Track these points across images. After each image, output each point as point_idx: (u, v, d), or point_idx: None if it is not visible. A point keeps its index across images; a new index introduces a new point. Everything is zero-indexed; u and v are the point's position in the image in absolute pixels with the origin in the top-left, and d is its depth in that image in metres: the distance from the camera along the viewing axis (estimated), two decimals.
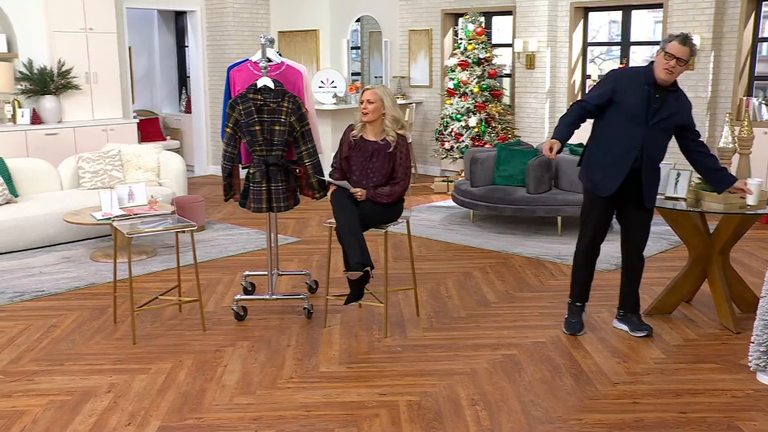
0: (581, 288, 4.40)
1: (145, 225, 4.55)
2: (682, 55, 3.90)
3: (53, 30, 8.25)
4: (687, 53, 3.92)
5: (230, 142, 4.53)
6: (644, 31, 9.28)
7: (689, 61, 3.95)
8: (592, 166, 4.19)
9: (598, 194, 4.17)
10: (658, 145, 4.08)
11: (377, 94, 4.34)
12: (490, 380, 3.72)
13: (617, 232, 4.55)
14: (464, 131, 8.81)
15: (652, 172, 4.11)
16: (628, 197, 4.16)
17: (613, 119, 4.09)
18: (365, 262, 4.15)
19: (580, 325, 4.37)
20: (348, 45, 10.03)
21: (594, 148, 4.20)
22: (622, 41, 8.93)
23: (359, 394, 3.57)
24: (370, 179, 4.38)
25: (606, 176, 4.11)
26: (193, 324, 4.51)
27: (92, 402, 3.48)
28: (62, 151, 7.96)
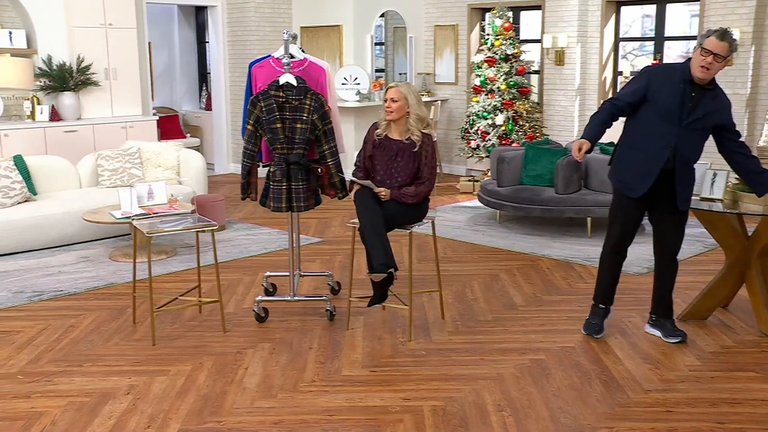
0: (606, 290, 4.38)
1: (164, 224, 4.60)
2: (720, 51, 3.81)
3: (73, 25, 8.36)
4: (726, 49, 3.82)
5: (250, 140, 4.56)
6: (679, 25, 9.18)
7: (728, 57, 3.86)
8: (623, 165, 4.16)
9: (628, 195, 4.13)
10: (693, 146, 4.02)
11: (401, 92, 4.35)
12: (517, 386, 3.71)
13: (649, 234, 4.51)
14: (491, 129, 8.78)
15: (685, 173, 4.05)
16: (660, 199, 4.11)
17: (645, 117, 4.04)
18: (389, 263, 4.16)
19: (599, 327, 4.34)
20: (372, 41, 10.04)
21: (625, 147, 4.17)
22: (655, 36, 8.84)
23: (382, 398, 3.58)
24: (395, 179, 4.39)
25: (636, 177, 4.08)
26: (214, 325, 4.55)
27: (111, 404, 3.52)
28: (81, 149, 8.06)
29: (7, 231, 6.11)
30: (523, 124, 8.79)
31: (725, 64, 3.90)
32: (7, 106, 8.08)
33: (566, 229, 6.98)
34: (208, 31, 10.72)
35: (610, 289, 4.39)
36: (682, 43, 9.16)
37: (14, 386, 3.71)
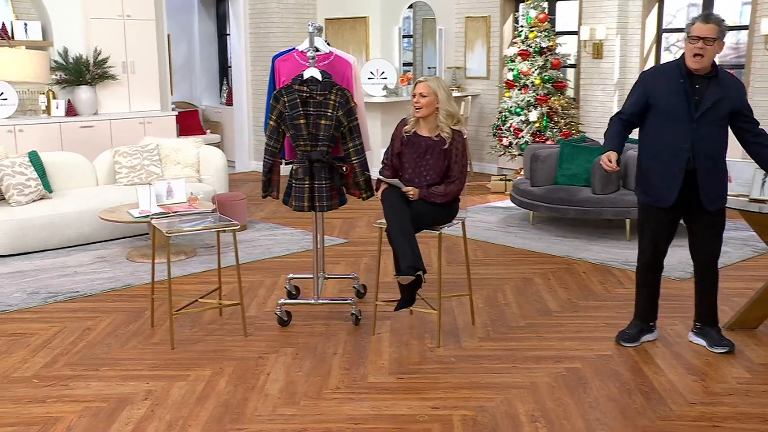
0: (646, 306, 4.34)
1: (184, 224, 4.64)
2: (708, 34, 3.80)
3: (90, 17, 8.47)
4: (714, 30, 3.81)
5: (273, 136, 4.58)
6: (729, 14, 9.04)
7: (719, 38, 3.83)
8: (646, 178, 4.15)
9: (659, 206, 4.09)
10: (712, 140, 3.96)
11: (431, 87, 4.34)
12: (552, 395, 3.69)
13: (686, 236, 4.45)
14: (524, 126, 8.75)
15: (710, 170, 3.98)
16: (692, 202, 4.05)
17: (654, 124, 4.04)
18: (417, 266, 4.16)
19: (631, 336, 4.31)
20: (399, 33, 10.05)
21: (644, 159, 4.16)
22: None
23: (410, 406, 3.58)
24: (424, 177, 4.38)
25: (662, 186, 4.05)
26: (234, 329, 4.58)
27: (128, 409, 3.56)
28: (98, 145, 8.17)
29: (22, 230, 6.20)
30: (558, 121, 8.74)
31: (719, 47, 3.87)
32: (22, 101, 8.20)
33: (603, 232, 6.93)
34: (230, 23, 10.81)
35: (651, 305, 4.35)
36: (731, 34, 9.04)
37: (29, 390, 3.76)
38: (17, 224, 6.19)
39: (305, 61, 4.64)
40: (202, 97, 12.09)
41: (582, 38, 9.06)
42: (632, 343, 4.29)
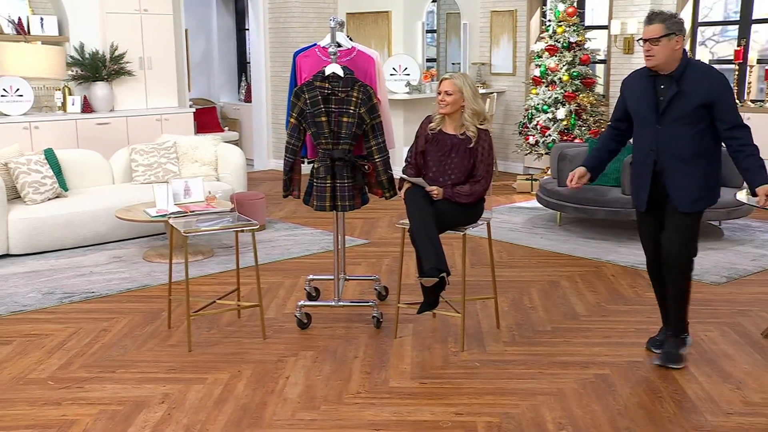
0: (660, 309, 4.31)
1: (202, 223, 4.67)
2: (651, 35, 3.83)
3: (106, 11, 8.55)
4: (657, 30, 3.82)
5: (294, 134, 4.60)
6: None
7: (668, 35, 3.81)
8: (629, 182, 4.25)
9: (639, 209, 4.14)
10: (677, 139, 3.91)
11: (456, 84, 4.34)
12: (580, 402, 3.68)
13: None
14: (551, 124, 8.72)
15: (678, 171, 3.94)
16: (666, 205, 4.03)
17: (635, 129, 4.12)
18: (441, 267, 4.16)
19: (656, 342, 4.28)
20: (423, 28, 10.06)
21: (630, 164, 4.28)
22: (740, 20, 8.65)
23: (433, 412, 3.58)
24: (448, 176, 4.39)
25: (636, 189, 4.11)
26: (253, 331, 4.61)
27: (145, 413, 3.59)
28: (114, 142, 8.25)
29: (37, 229, 6.28)
30: (586, 119, 8.70)
31: (671, 43, 3.83)
32: (37, 97, 8.30)
33: (633, 233, 6.84)
34: (248, 18, 10.86)
35: (660, 307, 4.30)
36: None
37: (45, 392, 3.81)
38: (32, 223, 6.26)
39: (327, 57, 4.65)
40: (221, 93, 12.17)
41: (612, 33, 9.01)
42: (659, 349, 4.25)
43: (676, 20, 3.88)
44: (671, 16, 3.89)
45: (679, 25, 3.86)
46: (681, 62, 3.89)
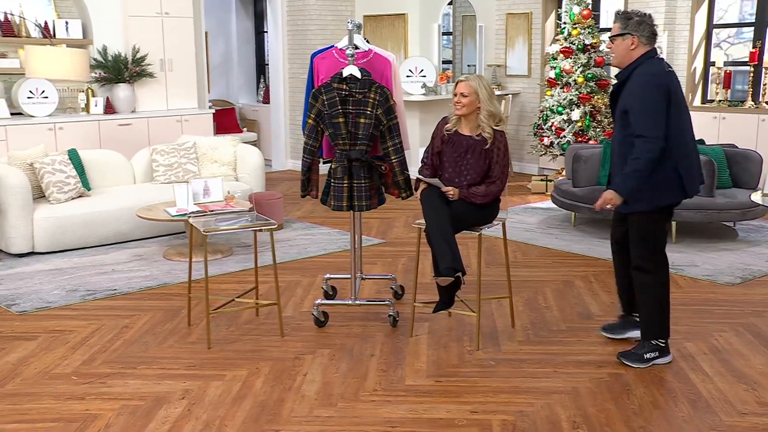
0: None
1: (221, 222, 4.69)
2: (612, 33, 3.93)
3: (128, 15, 8.60)
4: (614, 29, 3.92)
5: (311, 135, 4.61)
6: None
7: (624, 34, 3.86)
8: None
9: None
10: (617, 141, 4.00)
11: (472, 86, 4.33)
12: (594, 401, 3.66)
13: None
14: (566, 125, 8.68)
15: (616, 173, 3.99)
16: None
17: None
18: (457, 267, 4.15)
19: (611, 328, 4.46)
20: (439, 30, 10.05)
21: None
22: (756, 21, 8.57)
23: (448, 410, 3.58)
24: (464, 177, 4.38)
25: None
26: (271, 329, 4.62)
27: (165, 408, 3.61)
28: (135, 143, 8.30)
29: (61, 227, 6.32)
30: (601, 120, 8.66)
31: (627, 42, 3.87)
32: (62, 99, 8.37)
33: None
34: (267, 21, 10.89)
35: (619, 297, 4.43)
36: None
37: (69, 387, 3.84)
38: (57, 222, 6.31)
39: (344, 58, 4.66)
40: (239, 95, 12.21)
41: None
42: (610, 333, 4.42)
43: (636, 21, 3.86)
44: (633, 16, 3.88)
45: (637, 27, 3.84)
46: (631, 65, 3.89)
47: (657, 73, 3.86)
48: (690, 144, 3.94)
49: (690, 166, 3.93)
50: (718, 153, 6.79)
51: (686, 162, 3.91)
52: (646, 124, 3.78)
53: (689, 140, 3.94)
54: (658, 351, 4.07)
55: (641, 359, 4.05)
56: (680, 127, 3.87)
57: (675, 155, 3.86)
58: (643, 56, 3.88)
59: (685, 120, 3.92)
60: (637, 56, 3.87)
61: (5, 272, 5.83)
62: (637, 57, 3.88)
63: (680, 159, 3.88)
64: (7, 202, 6.16)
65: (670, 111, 3.81)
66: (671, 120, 3.81)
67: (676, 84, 3.90)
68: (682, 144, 3.88)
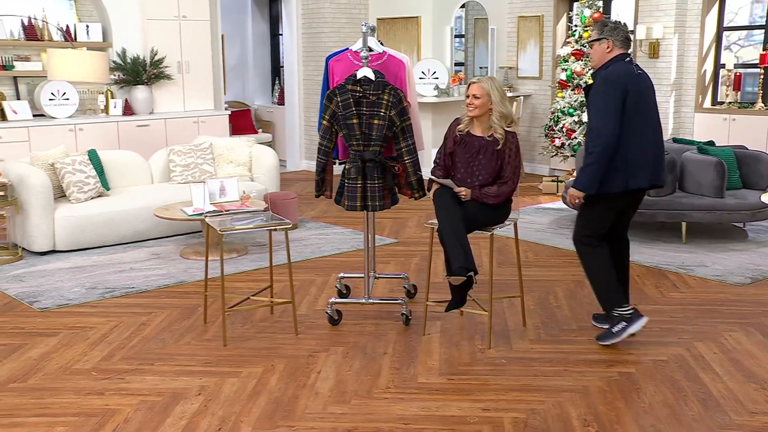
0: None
1: (237, 222, 4.70)
2: (591, 39, 4.27)
3: (147, 18, 8.64)
4: (593, 35, 4.24)
5: (326, 136, 4.61)
6: None
7: (597, 40, 4.19)
8: None
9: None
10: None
11: (484, 88, 4.33)
12: (604, 399, 3.65)
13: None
14: (577, 127, 8.66)
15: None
16: None
17: None
18: (469, 266, 4.15)
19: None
20: (451, 33, 10.03)
21: None
22: (766, 24, 8.50)
23: (460, 408, 3.57)
24: (476, 177, 4.37)
25: None
26: (285, 327, 4.63)
27: (182, 404, 3.62)
28: (153, 143, 8.34)
29: (81, 226, 6.36)
30: None
31: (604, 47, 4.17)
32: (82, 100, 8.43)
33: (657, 234, 6.81)
34: (282, 23, 10.91)
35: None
36: None
37: (89, 382, 3.86)
38: (77, 221, 6.34)
39: (358, 60, 4.66)
40: (255, 96, 12.23)
41: (638, 37, 8.92)
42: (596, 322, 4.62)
43: (611, 27, 4.19)
44: (608, 23, 4.21)
45: (612, 32, 4.16)
46: (603, 66, 4.18)
47: (619, 73, 4.10)
48: (644, 142, 4.14)
49: (636, 162, 4.12)
50: (728, 154, 6.75)
51: (633, 157, 4.10)
52: (600, 119, 4.08)
53: (643, 138, 4.13)
54: (624, 321, 4.24)
55: (612, 335, 4.25)
56: (634, 125, 4.08)
57: (622, 150, 4.08)
58: (615, 58, 4.16)
59: (644, 119, 4.13)
60: (609, 57, 4.17)
61: (27, 270, 5.87)
62: (609, 58, 4.17)
63: (627, 154, 4.08)
64: (29, 201, 6.20)
65: (625, 109, 4.03)
66: (625, 117, 4.05)
67: (642, 86, 4.15)
68: (633, 141, 4.09)
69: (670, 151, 6.87)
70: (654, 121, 4.20)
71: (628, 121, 4.05)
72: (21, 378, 3.92)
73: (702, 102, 8.84)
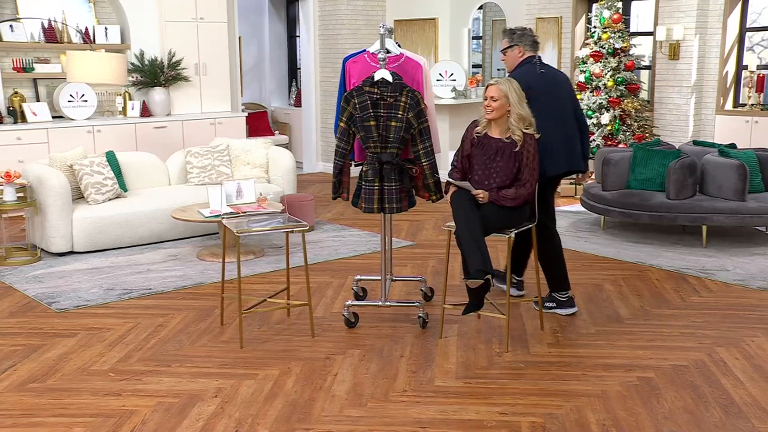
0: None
1: (254, 224, 4.71)
2: (503, 47, 4.72)
3: (165, 20, 8.69)
4: (504, 43, 4.69)
5: (343, 138, 4.62)
6: None
7: (509, 47, 4.68)
8: None
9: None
10: None
11: (502, 90, 4.32)
12: (624, 405, 3.62)
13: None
14: (595, 129, 8.61)
15: None
16: None
17: None
18: (486, 269, 4.14)
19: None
20: (469, 34, 10.02)
21: None
22: None
23: (477, 412, 3.56)
24: (493, 179, 4.36)
25: None
26: (302, 329, 4.64)
27: (199, 406, 3.64)
28: (170, 145, 8.39)
29: (98, 227, 6.40)
30: (631, 124, 8.58)
31: (517, 53, 4.70)
32: (100, 102, 8.49)
33: (678, 238, 6.77)
34: (299, 25, 10.94)
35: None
36: None
37: (106, 383, 3.89)
38: (94, 222, 6.39)
39: (376, 62, 4.67)
40: (272, 98, 12.27)
41: (658, 39, 8.86)
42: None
43: (519, 33, 4.69)
44: (516, 31, 4.69)
45: (521, 38, 4.68)
46: (515, 69, 4.68)
47: (523, 74, 4.62)
48: (555, 131, 4.60)
49: (551, 150, 4.58)
50: (751, 157, 6.69)
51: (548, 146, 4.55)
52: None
53: (553, 128, 4.59)
54: (555, 302, 4.86)
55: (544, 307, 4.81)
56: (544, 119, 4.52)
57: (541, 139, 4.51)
58: (524, 61, 4.70)
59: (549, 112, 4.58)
60: (520, 61, 4.68)
61: (46, 271, 5.92)
62: (520, 62, 4.69)
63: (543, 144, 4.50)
64: (47, 202, 6.25)
65: (531, 103, 4.42)
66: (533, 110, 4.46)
67: (544, 82, 4.63)
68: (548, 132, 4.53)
69: (690, 153, 6.84)
70: (562, 114, 4.68)
71: (538, 115, 4.43)
72: (40, 378, 3.96)
73: (723, 104, 8.77)
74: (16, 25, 8.01)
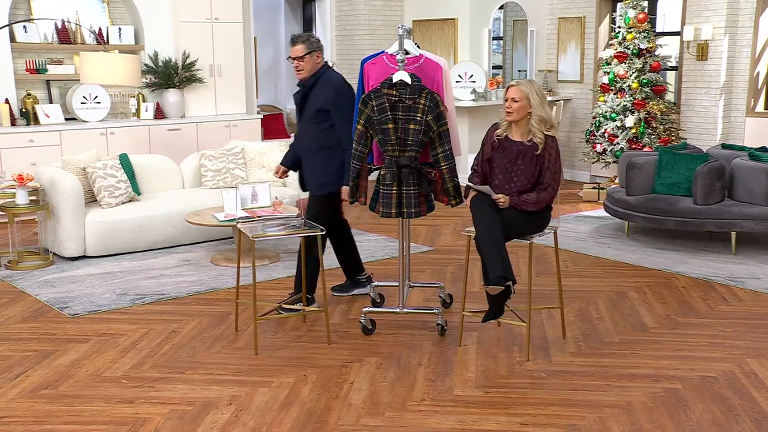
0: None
1: (269, 228, 4.73)
2: (296, 54, 4.85)
3: (179, 20, 8.75)
4: (300, 50, 4.83)
5: (360, 141, 4.63)
6: None
7: (308, 54, 4.83)
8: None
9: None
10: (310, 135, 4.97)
11: (523, 91, 4.32)
12: (649, 416, 3.60)
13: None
14: (619, 132, 8.58)
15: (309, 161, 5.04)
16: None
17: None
18: (507, 276, 4.13)
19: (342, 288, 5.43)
20: (489, 35, 10.01)
21: None
22: None
23: (498, 422, 3.56)
24: (514, 183, 4.36)
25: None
26: (318, 336, 4.65)
27: (213, 414, 3.65)
28: (184, 148, 8.44)
29: (111, 231, 6.45)
30: (656, 127, 8.54)
31: (315, 58, 4.86)
32: (113, 104, 8.55)
33: (705, 244, 6.72)
34: (316, 26, 10.97)
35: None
36: None
37: (119, 390, 3.91)
38: (107, 226, 6.44)
39: (394, 64, 4.67)
40: (287, 100, 12.30)
41: (685, 39, 8.82)
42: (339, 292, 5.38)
43: (315, 39, 4.90)
44: (310, 37, 4.88)
45: (317, 44, 4.89)
46: (316, 73, 4.88)
47: (341, 80, 4.97)
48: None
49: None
50: None
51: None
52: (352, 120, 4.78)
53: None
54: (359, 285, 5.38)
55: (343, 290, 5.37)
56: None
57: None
58: (323, 66, 4.94)
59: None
60: (319, 66, 4.90)
61: (58, 275, 5.97)
62: (320, 67, 4.91)
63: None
64: (60, 206, 6.31)
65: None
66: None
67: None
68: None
69: (718, 157, 6.80)
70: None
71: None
72: (52, 384, 3.99)
73: (754, 106, 8.70)
74: (29, 26, 8.10)
